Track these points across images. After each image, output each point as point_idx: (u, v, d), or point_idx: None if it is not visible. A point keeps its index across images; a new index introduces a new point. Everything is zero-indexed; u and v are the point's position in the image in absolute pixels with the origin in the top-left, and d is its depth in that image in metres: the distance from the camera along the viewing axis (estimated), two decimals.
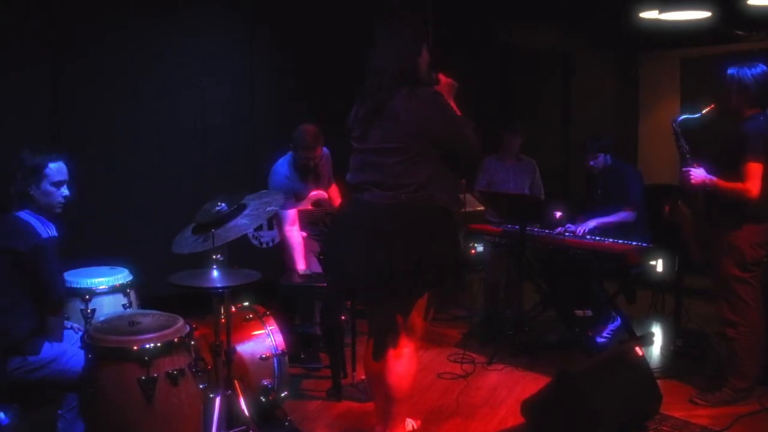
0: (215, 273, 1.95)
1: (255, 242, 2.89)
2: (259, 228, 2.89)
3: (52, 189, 1.87)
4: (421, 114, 1.84)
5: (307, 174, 2.90)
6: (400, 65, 1.85)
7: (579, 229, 3.07)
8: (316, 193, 2.95)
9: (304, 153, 2.80)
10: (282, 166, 2.88)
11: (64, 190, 1.90)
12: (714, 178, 2.37)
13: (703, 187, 2.40)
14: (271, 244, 2.90)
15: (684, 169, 2.43)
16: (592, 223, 3.06)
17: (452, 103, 1.94)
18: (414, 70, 1.87)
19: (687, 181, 2.41)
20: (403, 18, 1.89)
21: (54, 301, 1.86)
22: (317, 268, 2.78)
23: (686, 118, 2.51)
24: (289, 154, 2.89)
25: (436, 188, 1.87)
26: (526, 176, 3.64)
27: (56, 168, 1.87)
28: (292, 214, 2.81)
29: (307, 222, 2.80)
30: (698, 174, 2.39)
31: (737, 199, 2.33)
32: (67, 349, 1.89)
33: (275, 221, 2.88)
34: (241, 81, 3.76)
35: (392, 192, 1.85)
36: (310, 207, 2.90)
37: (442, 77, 1.95)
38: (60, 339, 1.87)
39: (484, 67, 4.61)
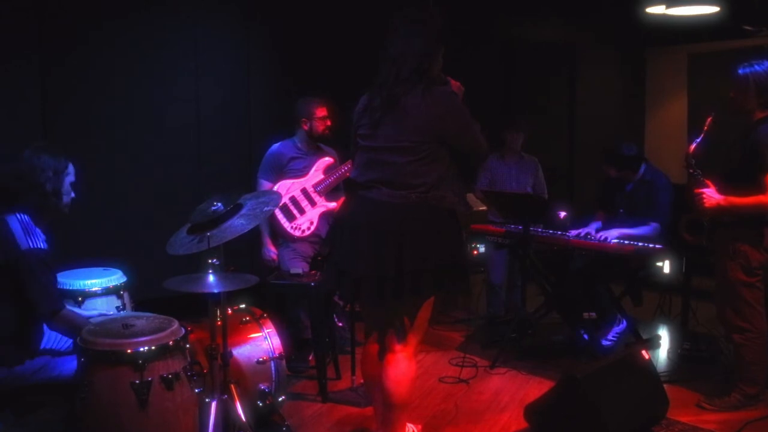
0: (211, 278, 1.90)
1: (297, 233, 2.90)
2: (292, 218, 2.89)
3: (69, 188, 1.90)
4: (435, 113, 1.82)
5: (313, 146, 2.96)
6: (420, 61, 1.82)
7: (600, 236, 2.94)
8: (321, 162, 2.96)
9: (313, 113, 2.88)
10: (282, 143, 2.98)
11: (72, 192, 1.93)
12: (729, 198, 2.28)
13: (718, 209, 2.30)
14: (312, 228, 2.91)
15: (697, 191, 2.33)
16: (614, 233, 2.91)
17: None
18: (430, 68, 1.84)
19: (701, 205, 2.31)
20: (430, 14, 1.86)
21: (43, 315, 1.80)
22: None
23: (697, 144, 2.38)
24: (290, 138, 2.98)
25: (445, 189, 1.86)
26: (528, 175, 3.59)
27: (72, 170, 1.92)
28: (265, 186, 2.92)
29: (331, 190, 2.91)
30: (712, 196, 2.30)
31: (759, 213, 2.25)
32: (52, 357, 1.85)
33: (294, 206, 2.93)
34: (238, 80, 3.72)
35: (402, 191, 1.83)
36: (323, 175, 2.94)
37: (450, 80, 1.92)
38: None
39: (485, 64, 4.55)
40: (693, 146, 2.39)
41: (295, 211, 2.92)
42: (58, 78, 3.14)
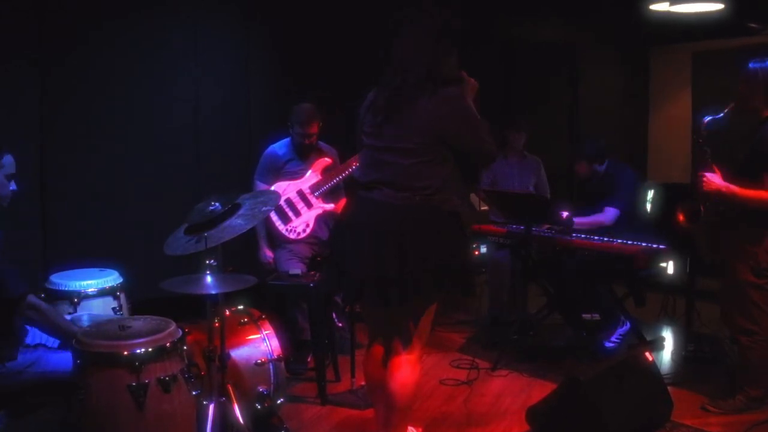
0: (209, 279, 1.88)
1: (293, 235, 2.89)
2: (288, 220, 2.87)
3: (5, 181, 1.86)
4: (436, 114, 1.80)
5: (306, 152, 2.94)
6: (425, 65, 1.80)
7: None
8: (320, 163, 2.93)
9: (300, 129, 2.86)
10: (278, 143, 2.98)
11: (13, 184, 1.90)
12: (731, 186, 2.24)
13: (717, 195, 2.27)
14: (308, 230, 2.89)
15: (699, 173, 2.30)
16: (582, 225, 2.95)
17: (472, 104, 1.89)
18: (440, 69, 1.82)
19: (700, 187, 2.29)
20: (430, 14, 1.84)
21: (8, 300, 1.76)
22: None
23: (712, 119, 2.35)
24: (287, 138, 2.96)
25: (450, 192, 1.84)
26: (530, 175, 3.57)
27: (9, 161, 1.87)
28: (261, 188, 2.90)
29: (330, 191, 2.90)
30: (713, 180, 2.27)
31: (759, 208, 2.22)
32: (46, 350, 1.84)
33: (290, 208, 2.91)
34: (238, 80, 3.70)
35: (405, 193, 1.81)
36: (320, 177, 2.91)
37: (465, 76, 1.90)
38: (17, 342, 1.80)
39: (486, 64, 4.51)
40: (708, 119, 2.34)
41: (290, 213, 2.90)
42: (58, 78, 3.13)
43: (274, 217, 2.87)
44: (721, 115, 2.34)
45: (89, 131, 3.23)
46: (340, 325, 3.06)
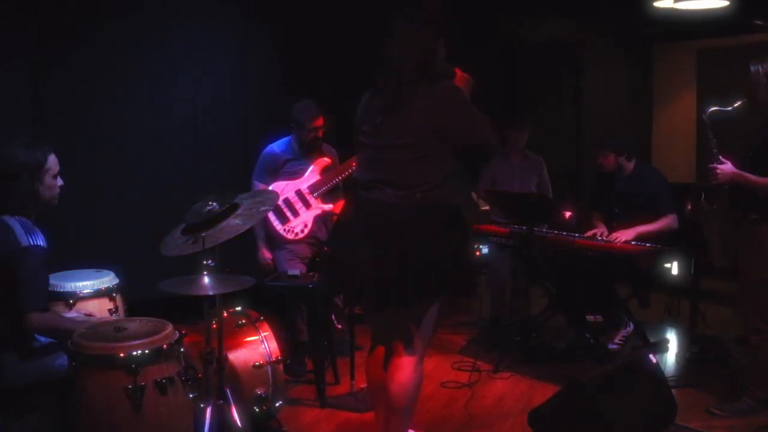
0: (206, 279, 1.86)
1: (291, 236, 2.87)
2: (286, 220, 2.85)
3: (53, 181, 1.86)
4: (434, 106, 1.79)
5: (312, 148, 2.90)
6: (419, 59, 1.80)
7: (614, 237, 2.88)
8: (319, 163, 2.91)
9: (308, 123, 2.82)
10: (277, 143, 2.94)
11: (59, 180, 1.90)
12: (744, 174, 2.25)
13: (731, 183, 2.27)
14: (306, 231, 2.86)
15: (710, 166, 2.30)
16: (631, 233, 2.87)
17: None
18: (432, 63, 1.81)
19: (714, 179, 2.28)
20: (422, 9, 1.84)
21: (26, 312, 1.75)
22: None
23: (717, 110, 2.36)
24: (286, 138, 2.91)
25: (450, 189, 1.83)
26: (532, 174, 3.53)
27: (53, 161, 1.87)
28: (259, 188, 2.86)
29: (327, 192, 2.87)
30: (725, 171, 2.27)
31: None
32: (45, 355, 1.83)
33: (288, 207, 2.88)
34: (237, 80, 3.69)
35: (404, 191, 1.79)
36: (319, 177, 2.88)
37: (458, 71, 1.89)
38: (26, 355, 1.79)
39: (488, 62, 4.49)
40: (711, 110, 2.34)
41: (288, 214, 2.87)
42: (58, 78, 3.13)
43: (271, 217, 2.84)
44: (730, 108, 2.34)
45: (88, 131, 3.23)
46: (340, 326, 3.04)
